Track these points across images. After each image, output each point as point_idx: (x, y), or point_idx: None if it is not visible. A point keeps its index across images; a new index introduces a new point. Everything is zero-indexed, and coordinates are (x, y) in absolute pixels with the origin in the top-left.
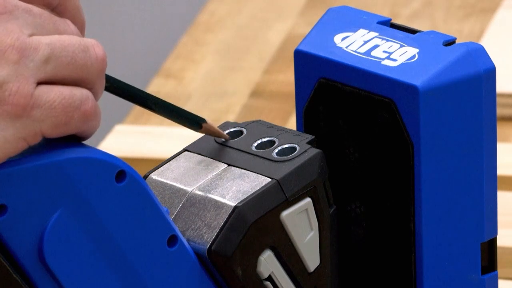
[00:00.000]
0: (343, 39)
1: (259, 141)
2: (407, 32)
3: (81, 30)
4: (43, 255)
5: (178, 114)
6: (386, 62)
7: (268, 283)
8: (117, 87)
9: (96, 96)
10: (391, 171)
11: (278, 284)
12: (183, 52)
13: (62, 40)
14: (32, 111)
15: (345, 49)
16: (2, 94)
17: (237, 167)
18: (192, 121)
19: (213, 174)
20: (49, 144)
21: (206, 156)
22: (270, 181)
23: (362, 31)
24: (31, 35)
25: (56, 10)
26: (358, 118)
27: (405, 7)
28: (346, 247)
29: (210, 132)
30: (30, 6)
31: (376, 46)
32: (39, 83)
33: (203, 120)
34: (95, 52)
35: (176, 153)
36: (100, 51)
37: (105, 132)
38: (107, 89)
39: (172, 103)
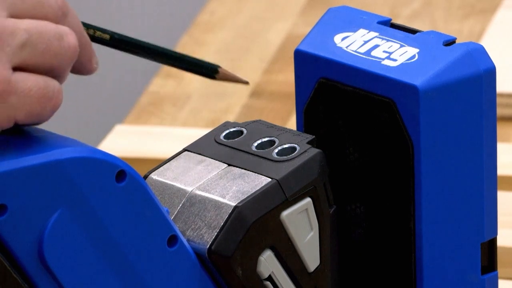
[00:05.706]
0: (343, 39)
1: (259, 141)
2: (407, 32)
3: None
4: (43, 255)
5: (192, 63)
6: (386, 62)
7: (268, 283)
8: (132, 44)
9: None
10: (391, 171)
11: (278, 284)
12: (183, 52)
13: (39, 26)
14: (9, 97)
15: (345, 49)
16: None
17: (237, 167)
18: (207, 68)
19: (213, 174)
20: (49, 144)
21: (206, 156)
22: (270, 181)
23: (362, 31)
24: (8, 16)
25: None
26: (358, 118)
27: (405, 7)
28: (346, 247)
29: (227, 77)
30: None
31: (376, 46)
32: (14, 68)
33: (218, 66)
34: (68, 41)
35: (176, 153)
36: (72, 40)
37: (105, 132)
38: (113, 44)
39: (170, 101)
